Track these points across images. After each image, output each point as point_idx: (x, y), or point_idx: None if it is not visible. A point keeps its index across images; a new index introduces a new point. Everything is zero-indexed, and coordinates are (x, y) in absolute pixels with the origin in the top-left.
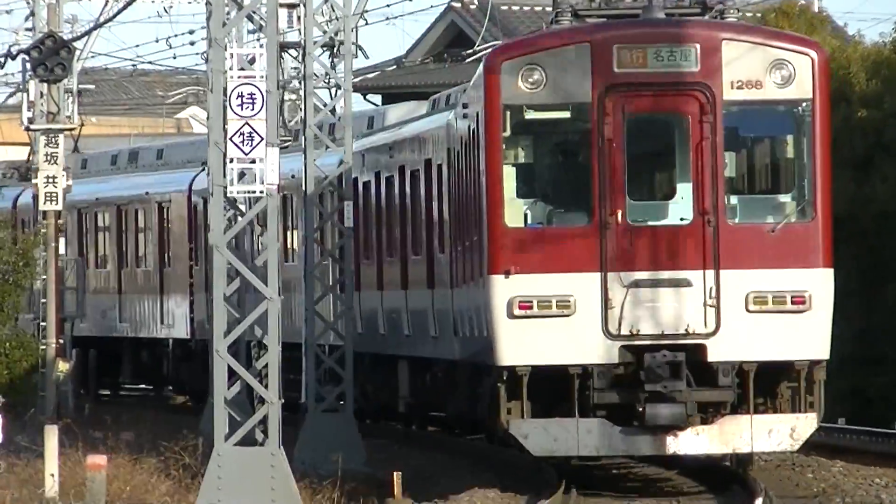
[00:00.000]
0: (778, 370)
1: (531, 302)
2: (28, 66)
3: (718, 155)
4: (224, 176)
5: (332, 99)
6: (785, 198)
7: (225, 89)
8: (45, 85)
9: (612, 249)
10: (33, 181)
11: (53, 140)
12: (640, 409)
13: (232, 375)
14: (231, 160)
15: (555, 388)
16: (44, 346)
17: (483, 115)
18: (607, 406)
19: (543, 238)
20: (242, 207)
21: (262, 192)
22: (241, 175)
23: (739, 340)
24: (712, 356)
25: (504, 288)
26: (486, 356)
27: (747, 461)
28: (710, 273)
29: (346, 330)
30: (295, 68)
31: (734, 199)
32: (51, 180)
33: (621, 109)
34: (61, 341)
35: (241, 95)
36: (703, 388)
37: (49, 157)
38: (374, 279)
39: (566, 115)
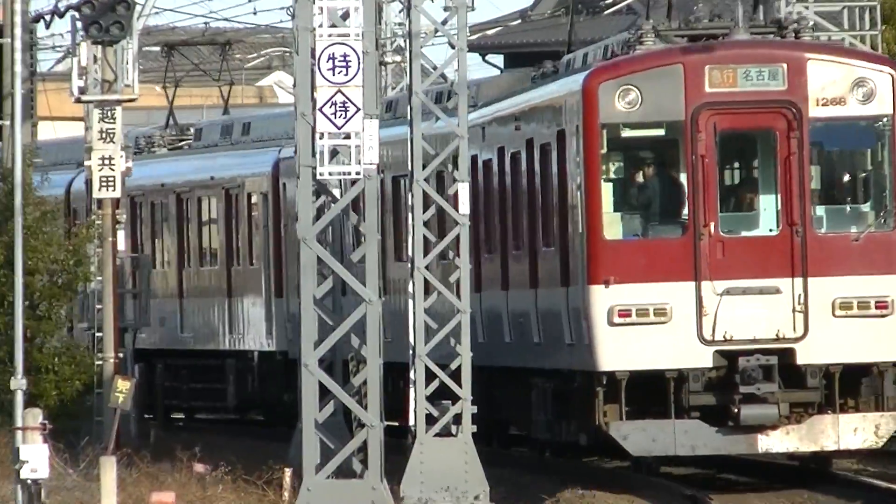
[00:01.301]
0: (862, 371)
1: (630, 310)
2: (79, 25)
3: (805, 168)
4: (313, 154)
5: (443, 60)
6: (866, 208)
7: (313, 50)
8: (100, 47)
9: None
10: (86, 163)
11: (109, 113)
12: (735, 410)
13: (325, 395)
14: (321, 135)
15: (650, 392)
16: (100, 362)
17: (582, 133)
18: (702, 408)
19: (641, 249)
20: (336, 192)
21: (358, 173)
22: (334, 153)
23: (826, 344)
24: (801, 359)
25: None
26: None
27: (827, 459)
28: (799, 280)
29: (464, 338)
30: (398, 24)
31: (820, 210)
32: (106, 162)
33: (713, 126)
34: (121, 355)
35: (332, 57)
36: (793, 389)
37: (104, 135)
38: (498, 276)
39: (661, 132)
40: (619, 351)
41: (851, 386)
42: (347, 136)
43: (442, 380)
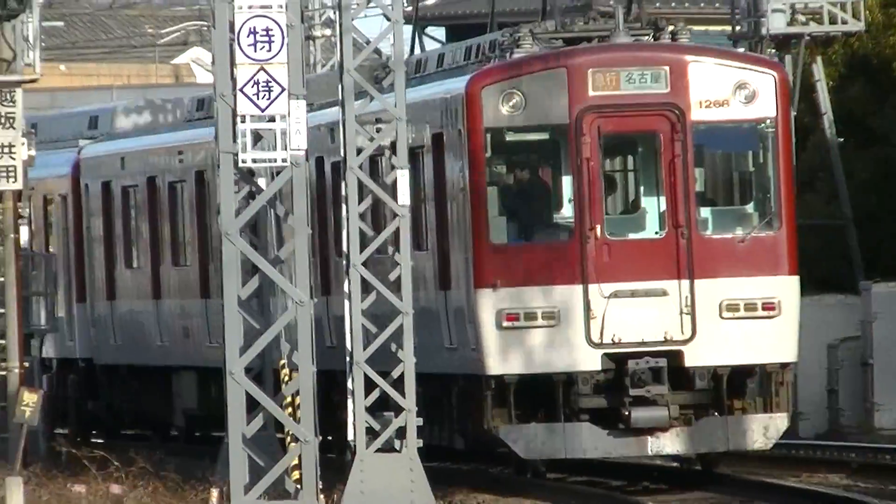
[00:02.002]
0: (750, 373)
1: (518, 314)
2: None
3: (690, 170)
4: (234, 140)
5: (377, 34)
6: (751, 210)
7: (232, 24)
8: None
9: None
10: None
11: (9, 96)
12: (626, 413)
13: (253, 406)
14: (243, 118)
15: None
16: (3, 372)
17: (465, 137)
18: (591, 411)
19: (527, 253)
20: (262, 182)
21: (284, 160)
22: (258, 138)
23: (714, 345)
24: (689, 361)
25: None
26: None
27: (715, 461)
28: (686, 282)
29: (406, 342)
30: None
31: (705, 212)
32: (6, 150)
33: (597, 129)
34: (26, 364)
35: (253, 31)
36: (682, 391)
37: (4, 120)
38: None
39: (545, 136)
40: (507, 354)
41: (740, 387)
42: (272, 119)
43: (383, 389)
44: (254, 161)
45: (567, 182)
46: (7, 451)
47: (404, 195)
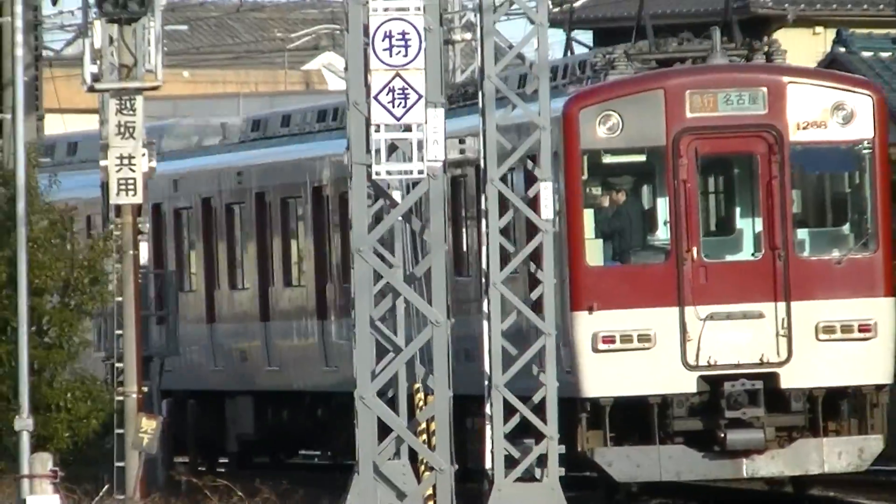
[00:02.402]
0: (845, 394)
1: (614, 336)
2: (91, 0)
3: (787, 192)
4: (367, 150)
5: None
6: (847, 231)
7: (366, 27)
8: (116, 26)
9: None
10: (101, 163)
11: (129, 104)
12: (721, 435)
13: (385, 432)
14: (377, 128)
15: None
16: (120, 398)
17: (562, 159)
18: (686, 433)
19: (623, 275)
20: (397, 195)
21: (421, 171)
22: (392, 149)
23: (810, 367)
24: (785, 383)
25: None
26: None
27: (808, 484)
28: (782, 305)
29: (549, 365)
30: None
31: (802, 234)
32: (126, 162)
33: (695, 151)
34: (145, 389)
35: (388, 35)
36: (778, 413)
37: (123, 129)
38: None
39: (642, 158)
40: (602, 377)
41: (835, 409)
42: (408, 129)
43: (523, 415)
44: (388, 173)
45: (663, 204)
46: (124, 480)
47: (548, 208)
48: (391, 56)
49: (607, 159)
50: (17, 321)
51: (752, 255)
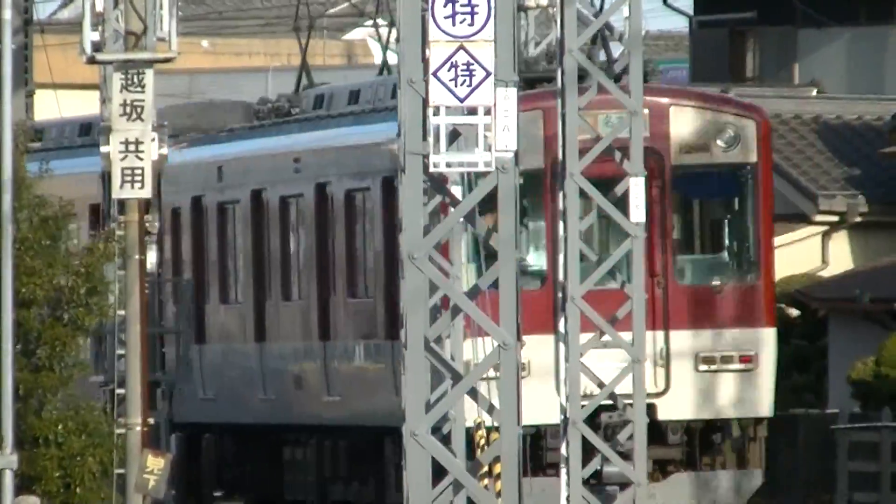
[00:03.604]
0: (724, 427)
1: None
2: None
3: (668, 217)
4: (424, 138)
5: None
6: (729, 259)
7: None
8: None
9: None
10: (102, 149)
11: (137, 79)
12: (597, 468)
13: (439, 475)
14: (436, 110)
15: None
16: (122, 430)
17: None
18: (558, 465)
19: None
20: (456, 192)
21: (488, 163)
22: (454, 136)
23: (688, 399)
24: (662, 415)
25: None
26: None
27: None
28: (660, 333)
29: (637, 396)
30: None
31: (682, 261)
32: (132, 148)
33: None
34: (151, 421)
35: (452, 1)
36: (654, 445)
37: (130, 109)
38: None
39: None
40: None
41: (713, 442)
42: (473, 112)
43: (606, 456)
44: (448, 165)
45: (541, 228)
46: None
47: (639, 209)
48: (454, 25)
49: None
50: (0, 338)
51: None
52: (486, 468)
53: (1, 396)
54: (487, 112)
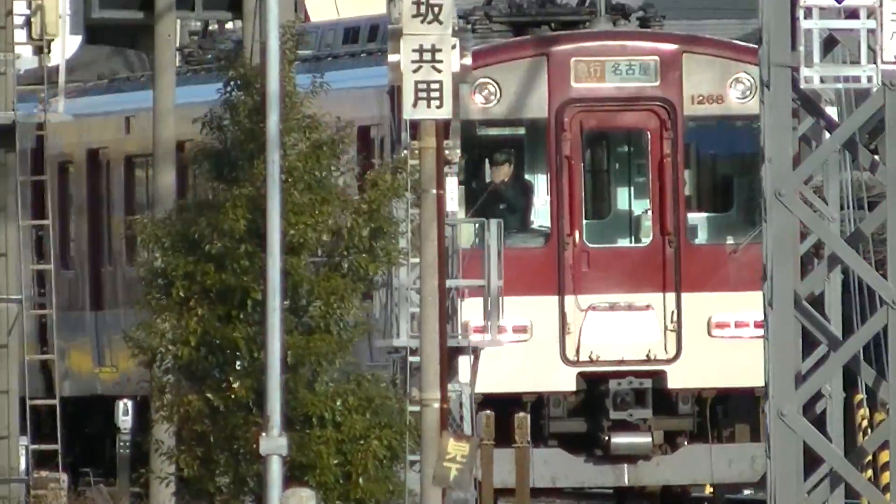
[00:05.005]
0: (738, 397)
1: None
2: None
3: (679, 172)
4: (793, 47)
5: None
6: (745, 217)
7: None
8: None
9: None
10: (391, 58)
11: None
12: (605, 439)
13: (811, 462)
14: (807, 11)
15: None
16: (415, 409)
17: None
18: (563, 436)
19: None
20: (832, 112)
21: (871, 79)
22: (830, 43)
23: (700, 366)
24: (673, 383)
25: None
26: None
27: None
28: (671, 296)
29: None
30: None
31: (695, 219)
32: (429, 56)
33: (579, 125)
34: (452, 397)
35: None
36: (665, 415)
37: (423, 9)
38: None
39: (521, 131)
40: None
41: (726, 413)
42: (853, 15)
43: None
44: (822, 80)
45: (543, 182)
46: None
47: None
48: None
49: (482, 132)
50: (262, 292)
51: (641, 241)
52: (869, 457)
53: (267, 366)
54: (871, 15)
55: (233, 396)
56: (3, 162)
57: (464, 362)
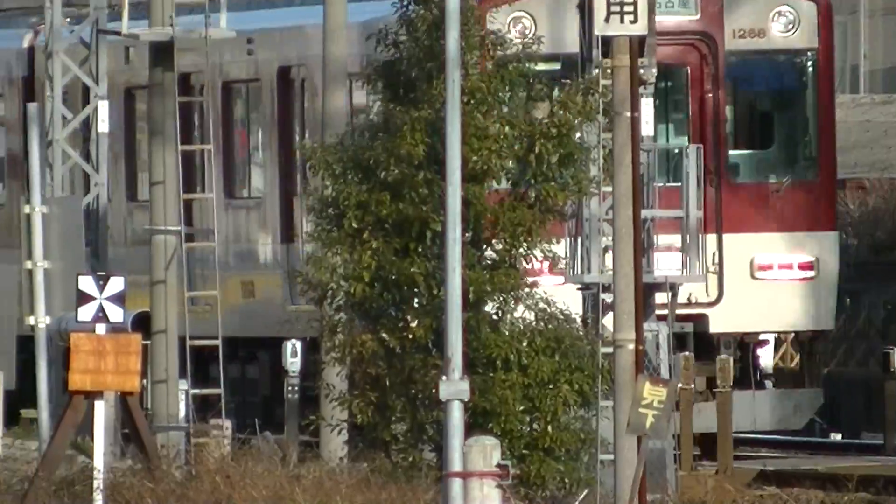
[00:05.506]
0: (780, 342)
1: None
2: None
3: (721, 109)
4: None
5: None
6: (787, 155)
7: None
8: None
9: None
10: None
11: None
12: None
13: None
14: None
15: None
16: (608, 350)
17: None
18: None
19: None
20: None
21: None
22: None
23: (743, 310)
24: (715, 327)
25: None
26: None
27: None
28: (712, 237)
29: None
30: None
31: (735, 157)
32: None
33: None
34: (649, 337)
35: None
36: (706, 361)
37: None
38: None
39: (557, 66)
40: None
41: (768, 357)
42: None
43: None
44: None
45: None
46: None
47: None
48: None
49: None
50: (441, 223)
51: (678, 180)
52: None
53: (447, 303)
54: None
55: (410, 337)
56: (160, 81)
57: (660, 299)
